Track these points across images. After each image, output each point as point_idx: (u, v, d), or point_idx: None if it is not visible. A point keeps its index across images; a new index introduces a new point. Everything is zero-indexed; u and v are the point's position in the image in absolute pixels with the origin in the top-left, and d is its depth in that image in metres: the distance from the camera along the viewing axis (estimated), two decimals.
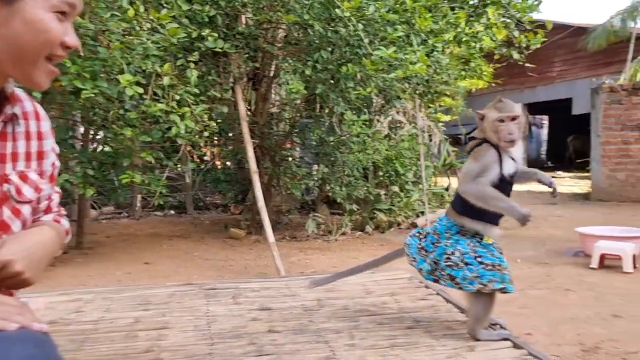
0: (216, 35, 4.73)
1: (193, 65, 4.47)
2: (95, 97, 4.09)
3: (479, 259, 2.03)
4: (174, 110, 4.28)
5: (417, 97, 6.94)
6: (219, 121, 7.64)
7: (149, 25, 4.24)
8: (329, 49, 5.18)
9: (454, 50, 6.25)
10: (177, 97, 4.35)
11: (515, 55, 6.23)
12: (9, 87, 1.05)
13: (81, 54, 4.02)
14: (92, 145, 6.54)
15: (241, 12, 5.44)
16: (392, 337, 2.07)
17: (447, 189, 9.02)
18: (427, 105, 8.88)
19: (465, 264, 2.03)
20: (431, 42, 5.16)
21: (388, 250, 2.63)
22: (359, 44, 4.85)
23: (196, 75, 4.48)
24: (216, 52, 5.03)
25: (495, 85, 12.11)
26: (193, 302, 2.62)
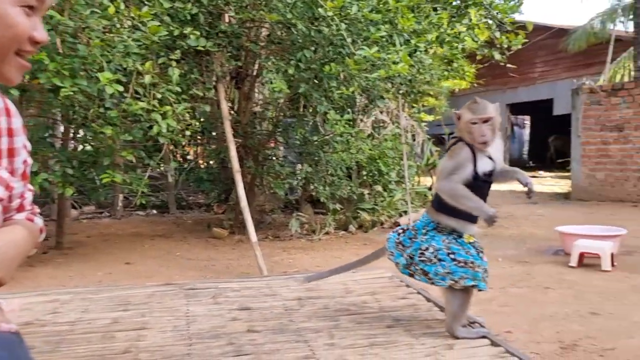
0: (198, 33, 4.70)
1: (175, 64, 4.44)
2: (74, 95, 4.03)
3: (451, 256, 2.06)
4: (156, 109, 4.24)
5: (400, 96, 6.98)
6: (201, 120, 7.62)
7: (129, 22, 4.20)
8: (312, 48, 5.18)
9: (436, 50, 6.28)
10: (159, 96, 4.32)
11: (497, 56, 6.29)
12: None
13: (60, 51, 3.96)
14: (72, 144, 6.45)
15: (224, 10, 5.41)
16: (371, 336, 2.07)
17: (430, 188, 9.06)
18: (410, 105, 8.95)
19: (438, 259, 2.07)
20: (414, 42, 5.19)
21: (372, 249, 2.63)
22: (342, 43, 4.85)
23: (178, 73, 4.45)
24: (198, 50, 4.99)
25: (478, 85, 12.21)
26: (173, 302, 2.60)
